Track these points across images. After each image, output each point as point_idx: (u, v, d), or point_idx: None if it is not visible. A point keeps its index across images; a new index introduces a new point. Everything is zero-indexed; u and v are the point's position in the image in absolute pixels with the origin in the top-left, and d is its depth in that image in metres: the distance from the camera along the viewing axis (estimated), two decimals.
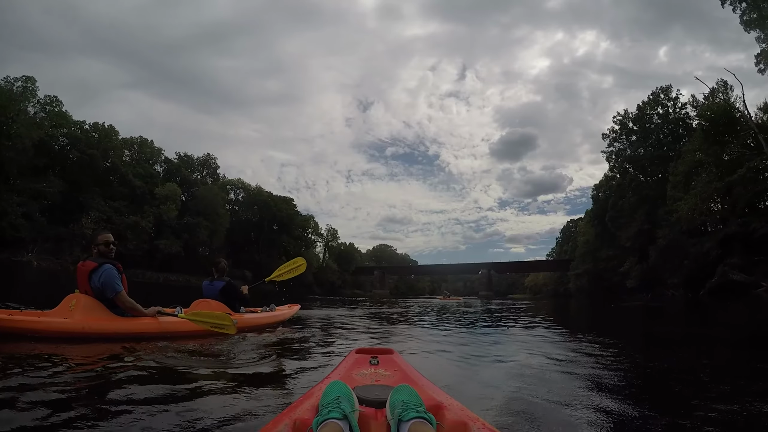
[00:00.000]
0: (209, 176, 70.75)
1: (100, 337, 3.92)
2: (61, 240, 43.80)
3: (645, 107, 48.43)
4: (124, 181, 52.65)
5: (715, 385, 3.26)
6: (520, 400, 2.52)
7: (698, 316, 14.24)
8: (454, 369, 3.69)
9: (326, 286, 77.89)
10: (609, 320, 12.77)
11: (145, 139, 60.99)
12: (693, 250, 33.35)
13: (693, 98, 44.65)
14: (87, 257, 4.30)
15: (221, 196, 65.10)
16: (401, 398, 1.28)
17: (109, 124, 53.54)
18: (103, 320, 4.04)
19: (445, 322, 9.81)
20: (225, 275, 5.93)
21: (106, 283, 4.10)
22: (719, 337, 7.53)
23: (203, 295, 5.67)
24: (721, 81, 37.86)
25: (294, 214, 76.59)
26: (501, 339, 6.33)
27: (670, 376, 3.70)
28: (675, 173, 37.55)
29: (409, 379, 1.74)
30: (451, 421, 1.30)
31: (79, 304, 4.04)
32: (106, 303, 4.15)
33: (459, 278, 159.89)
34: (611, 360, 4.24)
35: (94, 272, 4.11)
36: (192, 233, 56.54)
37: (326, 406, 1.21)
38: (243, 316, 5.66)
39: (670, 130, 47.09)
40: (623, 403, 2.49)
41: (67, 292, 4.23)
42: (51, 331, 3.74)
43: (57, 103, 49.25)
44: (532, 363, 3.85)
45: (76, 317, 3.94)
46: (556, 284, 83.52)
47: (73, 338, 3.75)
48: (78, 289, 4.20)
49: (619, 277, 46.93)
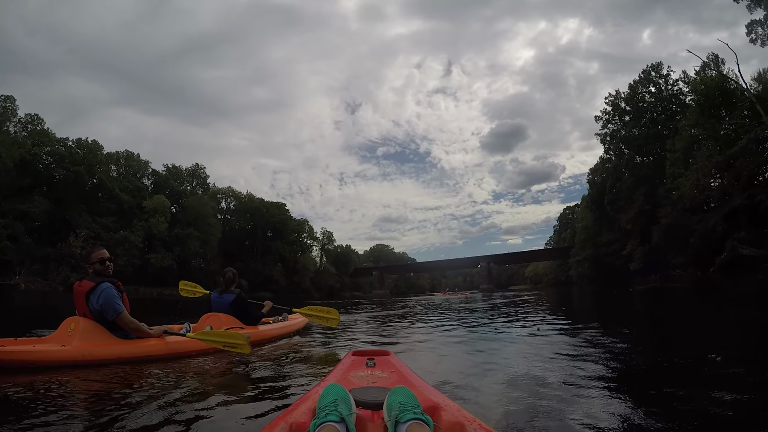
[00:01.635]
0: (199, 186, 70.12)
1: (103, 363, 3.59)
2: (49, 260, 42.89)
3: (637, 86, 47.55)
4: (111, 197, 51.98)
5: (731, 382, 2.79)
6: (517, 401, 2.48)
7: (715, 296, 13.64)
8: (450, 370, 3.63)
9: (325, 289, 77.27)
10: (618, 307, 12.13)
11: (131, 152, 60.11)
12: (698, 227, 32.37)
13: (684, 74, 44.50)
14: (83, 277, 3.98)
15: (211, 206, 64.16)
16: (398, 400, 1.28)
17: (92, 140, 52.75)
18: (105, 345, 3.74)
19: (444, 320, 9.48)
20: (234, 286, 5.54)
21: (106, 304, 3.79)
22: (740, 319, 6.97)
23: (211, 308, 5.32)
24: (712, 55, 37.32)
25: (287, 219, 75.91)
26: (499, 337, 5.99)
27: (677, 370, 3.39)
28: (673, 150, 36.86)
29: (405, 380, 1.77)
30: (448, 422, 1.31)
31: (77, 328, 3.72)
32: (107, 325, 3.83)
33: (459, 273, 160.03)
34: (616, 356, 3.96)
35: (92, 293, 3.80)
36: (183, 245, 55.63)
37: (323, 408, 1.22)
38: (257, 329, 5.34)
39: (664, 108, 46.28)
40: (625, 403, 2.37)
41: (57, 313, 3.80)
42: (50, 360, 3.39)
43: (38, 122, 48.90)
44: (530, 362, 3.72)
45: (75, 343, 3.61)
46: (556, 273, 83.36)
47: (74, 366, 3.40)
48: (77, 312, 3.89)
49: (621, 260, 46.01)
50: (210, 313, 5.19)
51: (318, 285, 76.68)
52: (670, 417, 2.09)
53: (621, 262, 46.15)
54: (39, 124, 48.62)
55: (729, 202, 30.45)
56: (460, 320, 9.30)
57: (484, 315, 10.91)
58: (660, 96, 46.47)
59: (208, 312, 5.24)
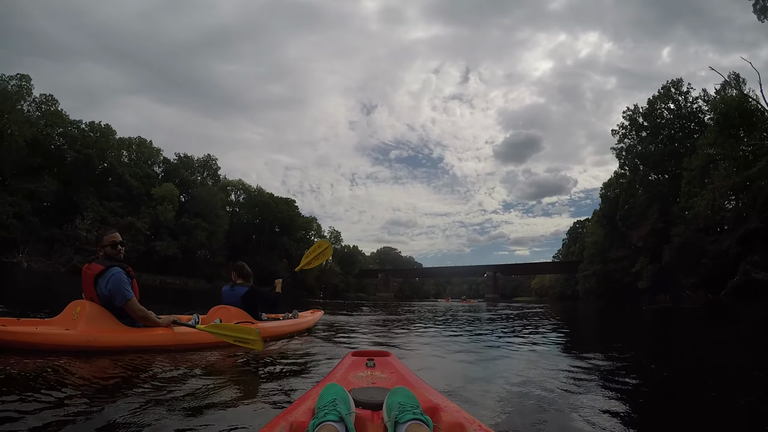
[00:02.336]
0: (209, 177, 70.04)
1: (108, 350, 3.45)
2: (54, 241, 43.00)
3: (656, 102, 46.72)
4: (120, 182, 52.10)
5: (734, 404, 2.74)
6: (516, 402, 2.49)
7: (729, 318, 13.29)
8: (450, 371, 3.67)
9: (329, 289, 76.76)
10: (630, 325, 11.87)
11: (143, 139, 60.22)
12: (711, 248, 31.69)
13: (704, 92, 43.78)
14: (92, 259, 3.84)
15: (220, 197, 64.04)
16: (398, 400, 1.28)
17: (105, 123, 53.01)
18: (111, 332, 3.59)
19: (446, 325, 9.48)
20: (250, 280, 5.40)
21: (115, 290, 3.66)
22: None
23: (222, 301, 5.14)
24: (733, 74, 36.74)
25: (296, 215, 75.70)
26: (500, 343, 5.97)
27: (684, 387, 3.37)
28: (690, 168, 36.19)
29: (405, 381, 1.76)
30: (448, 422, 1.30)
31: (83, 312, 3.58)
32: (114, 311, 3.69)
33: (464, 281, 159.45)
34: (624, 370, 3.85)
35: (101, 276, 3.67)
36: (190, 235, 55.52)
37: (323, 408, 1.22)
38: (265, 325, 5.09)
39: (682, 125, 45.41)
40: (627, 413, 2.34)
41: (58, 295, 3.61)
42: (52, 344, 3.25)
43: (53, 102, 48.90)
44: (531, 367, 3.74)
45: (80, 328, 3.47)
46: (563, 286, 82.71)
47: (77, 352, 3.26)
48: (84, 295, 3.77)
49: (630, 277, 45.37)
50: (220, 306, 5.01)
51: (322, 283, 76.42)
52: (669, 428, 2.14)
53: (629, 279, 45.52)
54: (53, 105, 48.70)
55: (744, 225, 29.75)
56: (464, 328, 8.99)
57: (492, 325, 10.41)
58: (679, 113, 45.60)
59: (219, 304, 5.06)
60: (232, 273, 5.39)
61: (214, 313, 4.91)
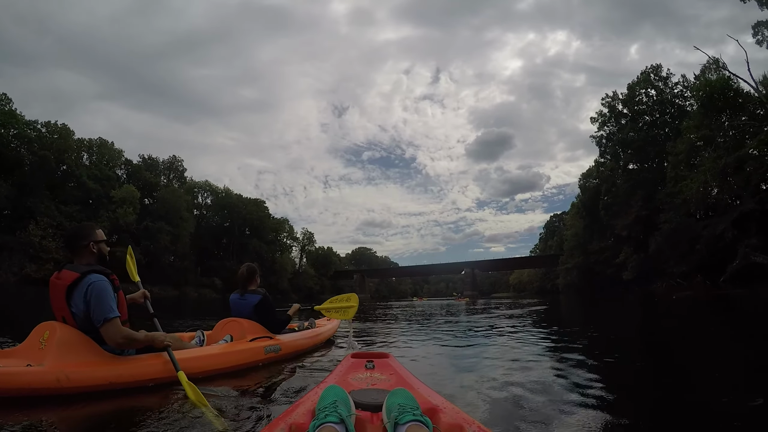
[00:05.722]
0: (176, 180, 67.23)
1: (87, 391, 2.43)
2: (4, 249, 39.97)
3: (635, 88, 45.57)
4: (79, 185, 49.23)
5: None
6: (515, 403, 2.42)
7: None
8: (449, 372, 3.64)
9: (303, 291, 75.05)
10: (619, 318, 11.21)
11: (104, 140, 56.97)
12: (705, 233, 30.29)
13: (684, 78, 42.97)
14: (64, 265, 2.73)
15: (185, 200, 60.91)
16: (397, 401, 1.29)
17: (62, 123, 49.99)
18: (90, 365, 2.53)
19: (443, 325, 9.22)
20: (257, 285, 4.42)
21: (96, 304, 2.57)
22: None
23: (231, 312, 4.26)
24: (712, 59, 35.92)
25: (265, 216, 73.50)
26: (497, 342, 5.78)
27: (692, 380, 3.30)
28: (675, 153, 35.02)
29: (404, 382, 1.75)
30: (447, 423, 1.31)
31: (53, 338, 2.52)
32: (94, 335, 2.63)
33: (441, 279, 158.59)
34: (625, 367, 3.89)
35: (75, 288, 2.59)
36: (153, 239, 52.41)
37: (323, 410, 1.22)
38: (287, 338, 4.33)
39: (663, 111, 44.39)
40: (622, 408, 2.36)
41: (4, 312, 1.37)
42: (7, 389, 2.22)
43: (6, 101, 45.51)
44: (529, 366, 3.58)
45: (49, 361, 2.41)
46: (542, 281, 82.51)
47: (45, 397, 2.28)
48: (54, 315, 2.68)
49: (613, 269, 44.08)
50: (229, 318, 4.13)
51: (296, 286, 74.02)
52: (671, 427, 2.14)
53: (613, 270, 44.15)
54: (7, 105, 45.53)
55: (739, 207, 28.46)
56: (460, 328, 8.54)
57: (490, 324, 9.40)
58: (660, 99, 44.58)
59: (227, 316, 4.18)
60: (239, 279, 4.38)
61: (223, 327, 4.07)
